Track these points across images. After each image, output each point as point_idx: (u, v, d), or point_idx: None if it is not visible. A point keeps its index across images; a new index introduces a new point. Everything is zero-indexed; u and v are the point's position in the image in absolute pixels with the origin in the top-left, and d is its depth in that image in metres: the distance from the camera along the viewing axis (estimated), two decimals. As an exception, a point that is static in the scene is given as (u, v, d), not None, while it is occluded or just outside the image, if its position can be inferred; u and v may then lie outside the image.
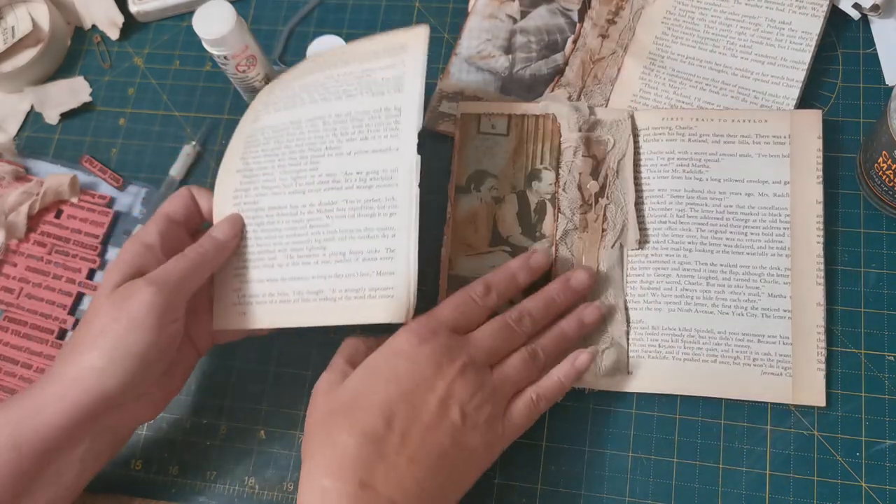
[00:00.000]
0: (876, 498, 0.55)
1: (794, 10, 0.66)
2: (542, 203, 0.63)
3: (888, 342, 0.58)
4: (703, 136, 0.63)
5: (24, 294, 0.69)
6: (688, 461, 0.58)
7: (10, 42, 0.76)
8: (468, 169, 0.65)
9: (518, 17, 0.72)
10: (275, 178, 0.60)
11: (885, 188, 0.58)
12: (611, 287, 0.61)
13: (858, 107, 0.65)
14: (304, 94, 0.61)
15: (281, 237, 0.59)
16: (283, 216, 0.59)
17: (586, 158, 0.63)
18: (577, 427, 0.60)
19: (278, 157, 0.60)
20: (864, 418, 0.57)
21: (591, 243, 0.62)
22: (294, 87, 0.62)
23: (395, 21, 0.75)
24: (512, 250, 0.63)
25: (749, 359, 0.58)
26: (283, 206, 0.59)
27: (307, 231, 0.58)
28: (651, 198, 0.62)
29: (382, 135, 0.58)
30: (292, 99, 0.62)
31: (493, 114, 0.66)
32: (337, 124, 0.59)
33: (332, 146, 0.59)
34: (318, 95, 0.61)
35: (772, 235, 0.60)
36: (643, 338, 0.60)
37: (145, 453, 0.64)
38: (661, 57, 0.68)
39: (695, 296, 0.60)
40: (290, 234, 0.59)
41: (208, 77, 0.76)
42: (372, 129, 0.58)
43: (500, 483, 0.59)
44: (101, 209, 0.72)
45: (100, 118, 0.76)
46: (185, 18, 0.79)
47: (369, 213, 0.57)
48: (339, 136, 0.59)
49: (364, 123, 0.58)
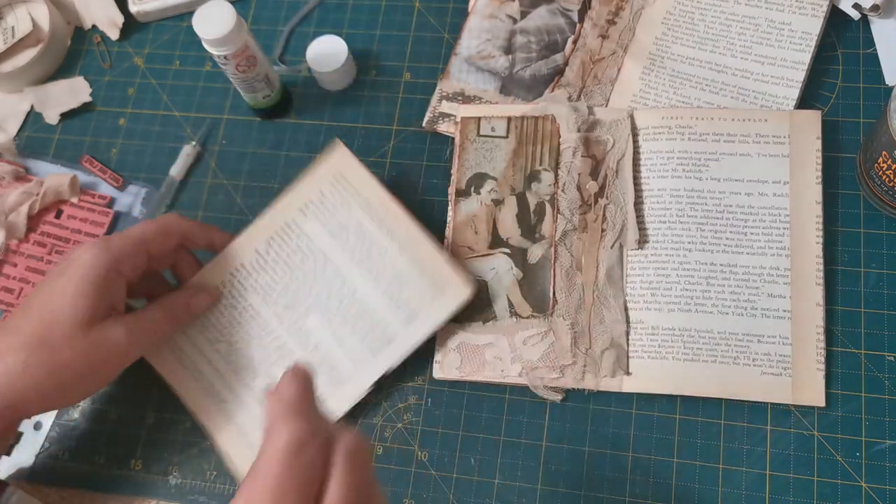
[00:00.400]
0: (876, 498, 0.55)
1: (794, 11, 0.66)
2: (541, 204, 0.63)
3: (888, 342, 0.58)
4: (702, 135, 0.63)
5: (24, 294, 0.69)
6: (688, 461, 0.58)
7: (10, 42, 0.76)
8: (468, 172, 0.65)
9: (518, 17, 0.72)
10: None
11: (885, 188, 0.58)
12: (610, 287, 0.61)
13: (858, 107, 0.65)
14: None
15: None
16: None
17: (585, 159, 0.64)
18: (577, 427, 0.60)
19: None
20: (864, 418, 0.57)
21: (590, 244, 0.62)
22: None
23: (395, 21, 0.75)
24: (511, 252, 0.63)
25: (749, 359, 0.58)
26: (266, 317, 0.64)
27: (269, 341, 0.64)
28: (650, 197, 0.62)
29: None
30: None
31: (493, 116, 0.66)
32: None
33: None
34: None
35: (771, 235, 0.60)
36: (643, 338, 0.60)
37: (145, 453, 0.64)
38: (660, 57, 0.68)
39: (695, 296, 0.60)
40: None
41: (208, 77, 0.76)
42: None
43: (500, 483, 0.59)
44: (101, 209, 0.72)
45: (100, 118, 0.76)
46: (185, 18, 0.79)
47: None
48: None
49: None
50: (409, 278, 0.61)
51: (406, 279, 0.61)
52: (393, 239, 0.62)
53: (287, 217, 0.64)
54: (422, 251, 0.61)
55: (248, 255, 0.64)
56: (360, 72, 0.73)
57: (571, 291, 0.61)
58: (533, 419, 0.60)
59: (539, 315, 0.61)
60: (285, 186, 0.65)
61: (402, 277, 0.61)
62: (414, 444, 0.61)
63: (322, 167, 0.64)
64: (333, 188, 0.64)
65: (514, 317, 0.61)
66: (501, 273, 0.62)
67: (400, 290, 0.61)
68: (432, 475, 0.60)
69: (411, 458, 0.61)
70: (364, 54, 0.74)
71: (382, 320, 0.61)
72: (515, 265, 0.62)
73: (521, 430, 0.60)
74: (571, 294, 0.61)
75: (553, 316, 0.61)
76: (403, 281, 0.61)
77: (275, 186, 0.70)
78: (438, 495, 0.60)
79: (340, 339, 0.62)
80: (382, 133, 0.71)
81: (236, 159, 0.72)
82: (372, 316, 0.62)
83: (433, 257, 0.61)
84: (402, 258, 0.62)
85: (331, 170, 0.64)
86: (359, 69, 0.73)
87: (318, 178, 0.64)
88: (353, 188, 0.64)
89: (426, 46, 0.73)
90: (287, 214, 0.65)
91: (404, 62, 0.73)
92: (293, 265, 0.64)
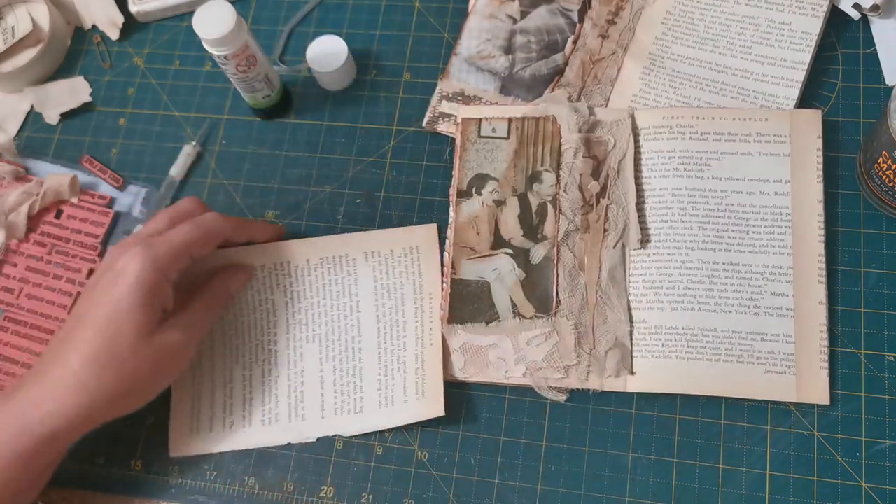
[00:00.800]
0: (876, 498, 0.55)
1: (794, 11, 0.66)
2: (543, 205, 0.63)
3: (888, 342, 0.58)
4: (703, 134, 0.63)
5: (25, 294, 0.69)
6: (688, 461, 0.58)
7: (10, 42, 0.76)
8: (469, 173, 0.65)
9: (518, 17, 0.72)
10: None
11: (885, 188, 0.59)
12: (613, 287, 0.61)
13: (858, 107, 0.65)
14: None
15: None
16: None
17: (587, 159, 0.64)
18: (577, 427, 0.60)
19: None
20: (864, 418, 0.57)
21: (592, 244, 0.62)
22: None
23: (395, 21, 0.75)
24: (514, 252, 0.63)
25: (753, 357, 0.58)
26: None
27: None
28: (652, 197, 0.62)
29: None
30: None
31: (494, 117, 0.66)
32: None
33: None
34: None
35: (773, 234, 0.60)
36: (646, 338, 0.60)
37: (145, 453, 0.64)
38: (661, 57, 0.68)
39: (697, 295, 0.60)
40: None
41: (208, 77, 0.76)
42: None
43: (500, 483, 0.59)
44: (101, 209, 0.71)
45: (100, 118, 0.76)
46: (185, 18, 0.78)
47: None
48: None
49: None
50: (408, 370, 0.62)
51: (405, 369, 0.62)
52: (417, 329, 0.63)
53: (350, 251, 0.66)
54: (430, 356, 0.62)
55: (299, 260, 0.65)
56: (360, 72, 0.73)
57: (574, 292, 0.61)
58: (533, 419, 0.60)
59: (542, 315, 0.61)
60: (284, 186, 0.65)
61: (403, 365, 0.62)
62: (414, 445, 0.61)
63: (407, 232, 0.66)
64: (403, 255, 0.65)
65: (517, 317, 0.61)
66: (504, 274, 0.62)
67: (394, 373, 0.62)
68: (432, 475, 0.60)
69: (411, 458, 0.61)
70: (364, 54, 0.74)
71: (364, 389, 0.62)
72: (518, 266, 0.62)
73: (521, 430, 0.60)
74: (574, 294, 0.61)
75: (556, 316, 0.61)
76: (402, 369, 0.62)
77: (275, 186, 0.70)
78: (438, 495, 0.60)
79: (322, 380, 0.63)
80: (382, 133, 0.71)
81: (236, 159, 0.72)
82: (359, 380, 0.62)
83: (435, 368, 0.62)
84: (413, 351, 0.63)
85: (413, 239, 0.65)
86: (359, 69, 0.73)
87: (397, 238, 0.66)
88: (417, 267, 0.65)
89: (426, 46, 0.73)
90: (352, 249, 0.66)
91: (404, 62, 0.73)
92: (328, 293, 0.65)
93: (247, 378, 0.64)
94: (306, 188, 0.70)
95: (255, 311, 0.65)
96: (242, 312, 0.65)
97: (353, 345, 0.63)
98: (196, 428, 0.63)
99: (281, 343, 0.64)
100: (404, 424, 0.61)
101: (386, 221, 0.68)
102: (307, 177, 0.70)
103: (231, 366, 0.64)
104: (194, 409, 0.63)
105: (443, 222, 0.66)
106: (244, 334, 0.65)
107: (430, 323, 0.63)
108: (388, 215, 0.68)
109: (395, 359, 0.62)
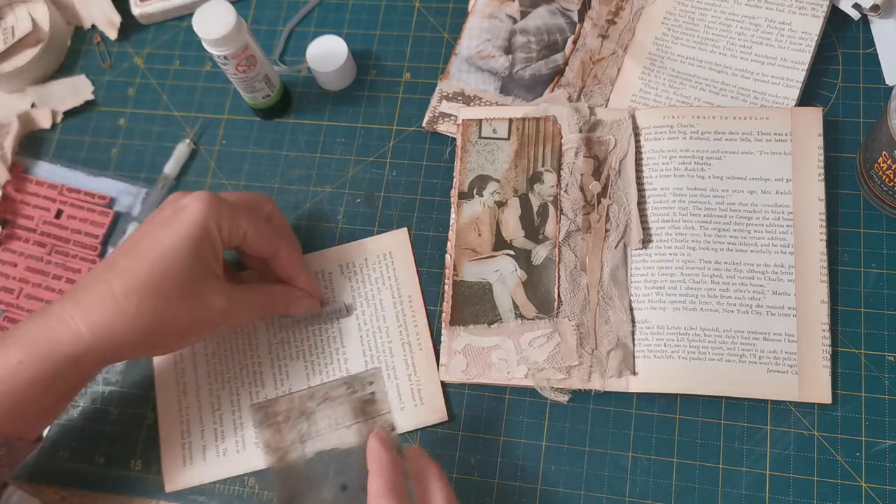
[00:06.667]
0: (876, 498, 0.55)
1: (794, 11, 0.66)
2: (544, 205, 0.63)
3: (888, 342, 0.58)
4: (704, 133, 0.63)
5: (24, 294, 0.69)
6: (688, 461, 0.58)
7: (10, 42, 0.76)
8: (470, 174, 0.65)
9: (518, 17, 0.72)
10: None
11: (885, 188, 0.59)
12: (615, 287, 0.61)
13: (858, 107, 0.65)
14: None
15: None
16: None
17: (587, 159, 0.64)
18: (577, 427, 0.60)
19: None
20: (864, 418, 0.57)
21: (594, 244, 0.62)
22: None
23: (395, 21, 0.75)
24: (515, 253, 0.63)
25: (755, 357, 0.58)
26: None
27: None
28: (653, 197, 0.62)
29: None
30: None
31: (494, 118, 0.66)
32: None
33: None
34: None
35: (775, 233, 0.60)
36: (648, 338, 0.60)
37: (145, 453, 0.64)
38: (661, 57, 0.68)
39: (699, 294, 0.60)
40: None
41: (208, 77, 0.76)
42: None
43: (500, 483, 0.59)
44: (102, 209, 0.71)
45: (100, 118, 0.76)
46: (185, 19, 0.78)
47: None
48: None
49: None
50: (399, 377, 0.62)
51: (395, 376, 0.62)
52: (402, 334, 0.63)
53: (326, 266, 0.66)
54: (421, 361, 0.62)
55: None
56: (360, 72, 0.73)
57: (576, 292, 0.61)
58: (533, 419, 0.60)
59: (544, 316, 0.61)
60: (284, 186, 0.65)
61: (394, 372, 0.62)
62: (414, 445, 0.61)
63: (379, 240, 0.66)
64: (378, 262, 0.66)
65: (519, 318, 0.61)
66: (506, 275, 0.62)
67: (384, 382, 0.61)
68: (433, 475, 0.60)
69: (412, 458, 0.61)
70: (364, 54, 0.74)
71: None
72: (519, 267, 0.62)
73: (521, 430, 0.60)
74: (576, 295, 0.61)
75: (558, 317, 0.61)
76: (393, 376, 0.62)
77: (275, 186, 0.70)
78: (439, 495, 0.59)
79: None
80: (382, 133, 0.71)
81: (236, 159, 0.72)
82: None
83: (429, 373, 0.62)
84: (402, 357, 0.63)
85: (385, 245, 0.66)
86: (359, 69, 0.73)
87: (370, 247, 0.66)
88: (392, 272, 0.65)
89: (426, 46, 0.73)
90: (327, 264, 0.66)
91: (404, 62, 0.73)
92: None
93: (235, 402, 0.63)
94: (306, 188, 0.70)
95: (236, 335, 0.65)
96: (224, 338, 0.65)
97: (339, 356, 0.63)
98: (189, 460, 0.62)
99: (265, 364, 0.64)
100: (404, 432, 0.61)
101: (386, 221, 0.68)
102: (307, 177, 0.70)
103: (217, 392, 0.64)
104: (185, 441, 0.63)
105: (443, 222, 0.66)
106: (227, 360, 0.64)
107: (415, 327, 0.63)
108: (388, 215, 0.68)
109: (382, 366, 0.62)
